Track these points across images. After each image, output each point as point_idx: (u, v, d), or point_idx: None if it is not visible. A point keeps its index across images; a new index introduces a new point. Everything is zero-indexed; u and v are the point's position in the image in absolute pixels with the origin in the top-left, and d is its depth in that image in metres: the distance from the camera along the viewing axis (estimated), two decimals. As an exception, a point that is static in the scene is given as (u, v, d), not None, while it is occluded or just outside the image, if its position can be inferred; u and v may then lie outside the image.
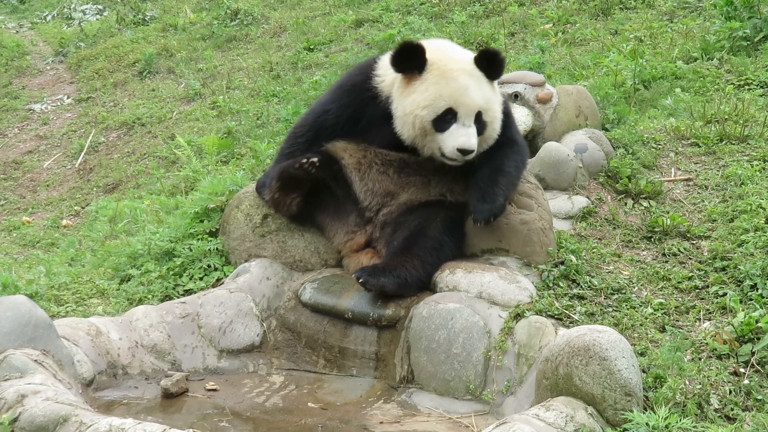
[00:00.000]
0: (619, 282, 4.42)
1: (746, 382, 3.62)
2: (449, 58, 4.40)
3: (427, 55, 4.30)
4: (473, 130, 4.28)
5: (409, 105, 4.29)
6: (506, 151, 4.50)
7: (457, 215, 4.46)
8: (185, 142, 7.69)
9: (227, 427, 3.53)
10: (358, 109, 4.52)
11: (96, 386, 3.75)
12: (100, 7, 17.24)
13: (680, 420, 3.22)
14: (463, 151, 4.25)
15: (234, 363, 4.21)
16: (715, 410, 3.46)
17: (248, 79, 11.28)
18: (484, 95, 4.34)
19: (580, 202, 5.22)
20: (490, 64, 4.38)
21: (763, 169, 5.56)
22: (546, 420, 3.17)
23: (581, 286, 4.30)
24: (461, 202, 4.49)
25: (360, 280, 4.11)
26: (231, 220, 4.71)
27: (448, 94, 4.25)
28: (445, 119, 4.27)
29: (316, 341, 4.25)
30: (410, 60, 4.29)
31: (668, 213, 5.18)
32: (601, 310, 4.15)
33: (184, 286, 4.62)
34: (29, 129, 12.08)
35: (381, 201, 4.57)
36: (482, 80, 4.36)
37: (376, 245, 4.53)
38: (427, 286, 4.26)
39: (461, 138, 4.24)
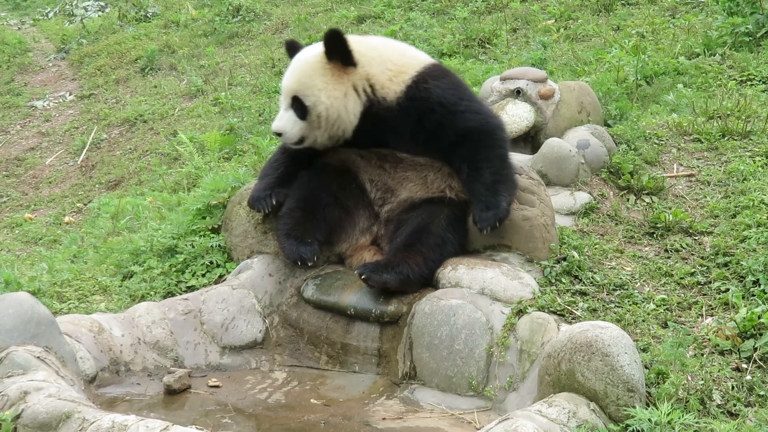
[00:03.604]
0: (621, 278, 4.42)
1: (748, 377, 3.62)
2: (316, 47, 4.47)
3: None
4: (286, 114, 4.40)
5: None
6: (483, 153, 4.33)
7: (461, 212, 4.45)
8: (187, 139, 7.69)
9: (230, 424, 3.53)
10: None
11: (98, 383, 3.75)
12: (101, 3, 17.24)
13: (683, 416, 3.23)
14: (275, 133, 4.44)
15: (236, 359, 4.21)
16: (718, 406, 3.46)
17: (250, 75, 11.28)
18: (300, 79, 4.35)
19: (583, 198, 5.22)
20: (326, 46, 4.34)
21: (766, 164, 5.55)
22: (548, 416, 3.18)
23: (583, 282, 4.30)
24: (463, 199, 4.48)
25: (362, 277, 4.11)
26: (233, 217, 4.71)
27: None
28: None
29: (318, 337, 4.25)
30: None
31: (670, 209, 5.17)
32: (603, 306, 4.15)
33: (186, 282, 4.62)
34: (31, 126, 12.09)
35: (382, 196, 4.57)
36: (315, 65, 4.34)
37: (380, 242, 4.54)
38: (429, 283, 4.26)
39: (275, 120, 4.43)
